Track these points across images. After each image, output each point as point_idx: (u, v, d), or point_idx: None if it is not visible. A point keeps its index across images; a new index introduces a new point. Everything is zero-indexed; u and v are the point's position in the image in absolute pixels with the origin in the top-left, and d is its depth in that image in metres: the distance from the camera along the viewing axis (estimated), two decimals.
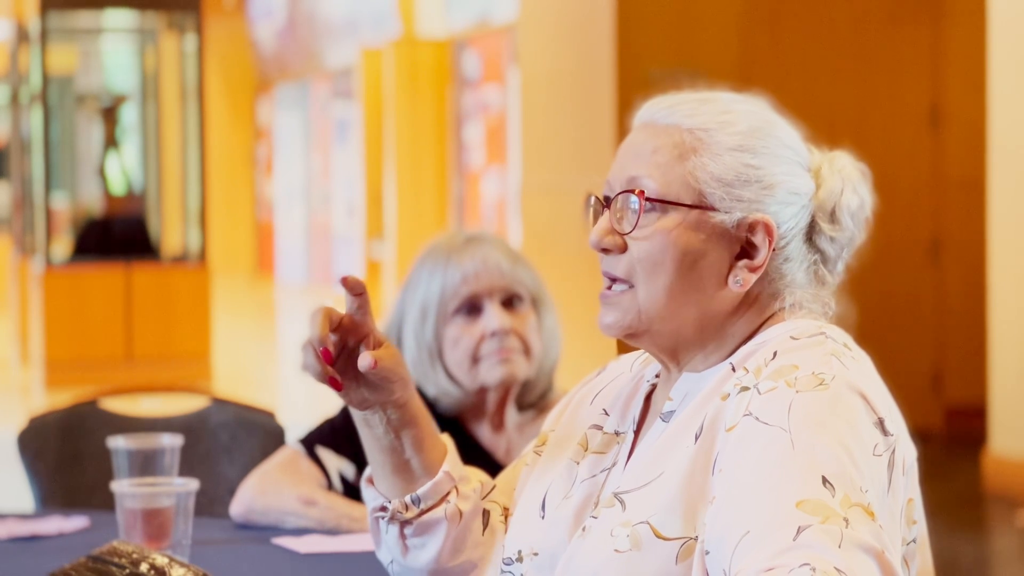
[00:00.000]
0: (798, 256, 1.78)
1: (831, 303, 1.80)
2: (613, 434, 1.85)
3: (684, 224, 1.74)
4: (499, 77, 13.42)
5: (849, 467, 1.59)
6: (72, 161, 13.32)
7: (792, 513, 1.54)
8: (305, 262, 19.59)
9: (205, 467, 3.16)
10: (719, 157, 1.75)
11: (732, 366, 1.73)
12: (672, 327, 1.76)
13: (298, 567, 2.40)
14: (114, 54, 13.49)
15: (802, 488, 1.56)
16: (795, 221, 1.77)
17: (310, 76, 19.02)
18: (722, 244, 1.75)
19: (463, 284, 2.76)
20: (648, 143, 1.78)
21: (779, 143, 1.78)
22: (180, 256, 11.49)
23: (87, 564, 2.04)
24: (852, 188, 1.80)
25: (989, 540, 6.67)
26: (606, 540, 1.69)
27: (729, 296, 1.75)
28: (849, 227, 1.79)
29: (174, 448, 2.58)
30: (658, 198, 1.75)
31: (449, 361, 2.78)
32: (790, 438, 1.60)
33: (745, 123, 1.77)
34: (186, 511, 2.32)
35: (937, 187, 8.70)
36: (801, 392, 1.64)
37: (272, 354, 14.21)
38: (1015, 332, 7.16)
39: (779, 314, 1.77)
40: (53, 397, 10.00)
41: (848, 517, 1.54)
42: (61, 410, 3.27)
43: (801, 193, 1.78)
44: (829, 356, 1.68)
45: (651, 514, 1.67)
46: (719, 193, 1.74)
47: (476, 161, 13.99)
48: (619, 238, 1.77)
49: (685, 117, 1.78)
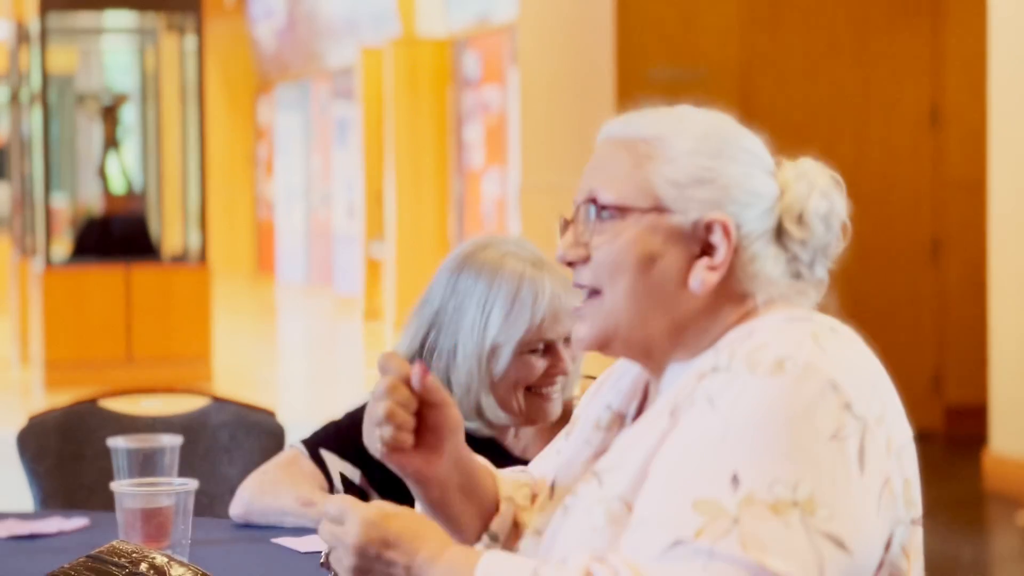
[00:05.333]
0: (767, 255, 1.78)
1: (813, 295, 1.81)
2: (618, 414, 1.89)
3: (641, 227, 1.77)
4: (499, 77, 13.42)
5: (774, 460, 1.61)
6: (72, 161, 13.33)
7: (685, 512, 1.60)
8: (305, 262, 19.59)
9: (205, 467, 3.16)
10: (674, 161, 1.78)
11: (716, 351, 1.75)
12: (640, 332, 1.79)
13: (298, 567, 2.40)
14: (114, 54, 13.50)
15: (707, 486, 1.61)
16: (759, 223, 1.78)
17: (310, 76, 19.02)
18: (680, 245, 1.77)
19: (550, 328, 2.69)
20: (606, 157, 1.82)
21: (736, 146, 1.81)
22: (180, 256, 11.49)
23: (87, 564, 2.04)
24: (820, 193, 1.81)
25: (989, 540, 6.67)
26: (584, 518, 1.73)
27: (692, 297, 1.77)
28: (820, 231, 1.80)
29: (174, 448, 2.58)
30: (614, 204, 1.78)
31: (506, 393, 2.72)
32: (724, 428, 1.64)
33: (700, 128, 1.81)
34: (186, 511, 2.32)
35: (937, 187, 8.70)
36: (756, 377, 1.66)
37: (272, 354, 14.21)
38: (1015, 332, 7.16)
39: (757, 310, 1.78)
40: (53, 397, 10.00)
41: (741, 517, 1.58)
42: (61, 410, 3.27)
43: (762, 195, 1.79)
44: (805, 337, 1.70)
45: (623, 490, 1.71)
46: (673, 195, 1.77)
47: (476, 161, 13.99)
48: (583, 249, 1.80)
49: (641, 128, 1.81)
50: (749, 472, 1.61)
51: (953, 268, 8.72)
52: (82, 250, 11.28)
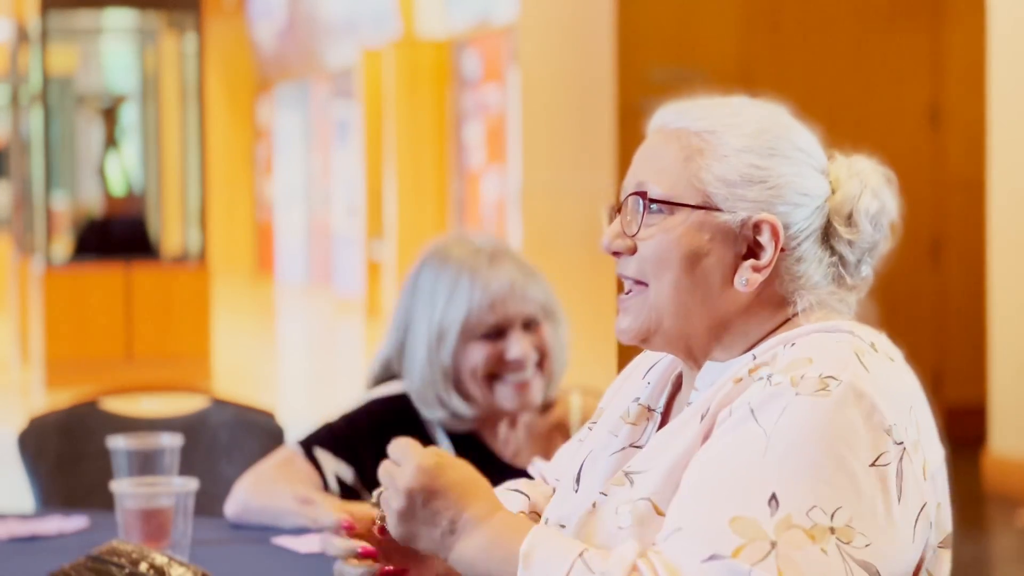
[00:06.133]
0: (813, 257, 1.78)
1: (853, 303, 1.80)
2: (646, 408, 1.87)
3: (689, 224, 1.76)
4: (499, 77, 13.41)
5: (814, 484, 1.60)
6: (72, 161, 13.32)
7: (722, 530, 1.58)
8: (305, 262, 19.59)
9: (205, 467, 3.16)
10: (725, 158, 1.76)
11: (754, 356, 1.74)
12: (682, 327, 1.77)
13: (298, 567, 2.40)
14: (114, 54, 13.49)
15: (745, 504, 1.59)
16: (807, 223, 1.77)
17: (310, 76, 19.02)
18: (727, 244, 1.76)
19: (490, 311, 2.70)
20: (657, 148, 1.81)
21: (789, 145, 1.79)
22: (180, 256, 11.49)
23: (87, 564, 2.04)
24: (872, 192, 1.80)
25: (989, 540, 6.66)
26: (611, 517, 1.72)
27: (738, 296, 1.76)
28: (868, 231, 1.80)
29: (174, 448, 2.58)
30: (663, 199, 1.77)
31: (465, 382, 2.74)
32: (766, 444, 1.62)
33: (753, 125, 1.79)
34: (186, 511, 2.32)
35: (937, 187, 8.70)
36: (800, 396, 1.64)
37: (272, 354, 14.21)
38: (1015, 332, 7.16)
39: (797, 316, 1.77)
40: (53, 397, 10.00)
41: (779, 541, 1.57)
42: (61, 410, 3.27)
43: (813, 194, 1.78)
44: (849, 354, 1.68)
45: (653, 490, 1.70)
46: (723, 193, 1.76)
47: (476, 161, 13.99)
48: (628, 241, 1.79)
49: (693, 120, 1.79)
50: (788, 494, 1.59)
51: (953, 268, 8.72)
52: (82, 250, 11.27)
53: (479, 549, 1.68)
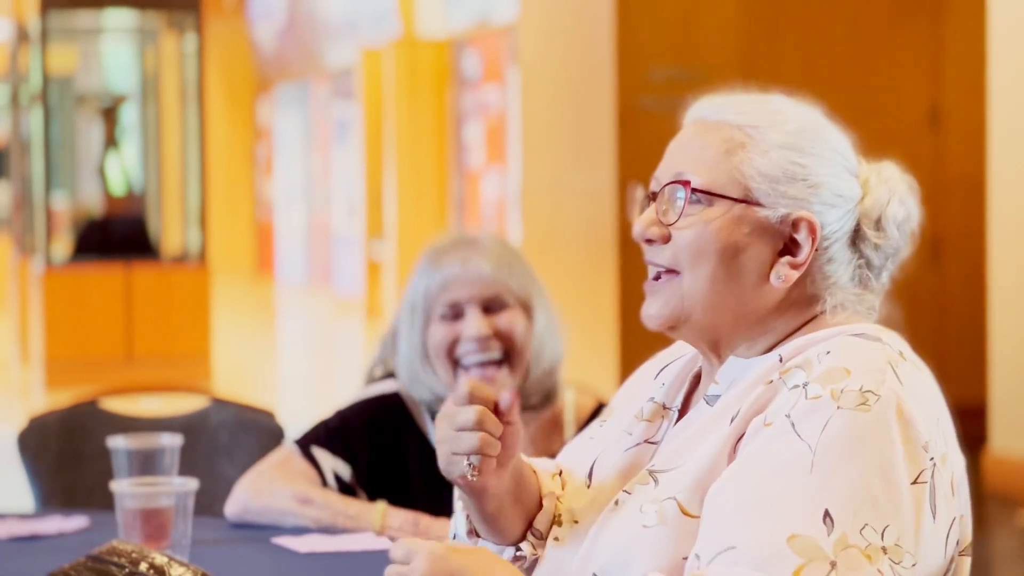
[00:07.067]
0: (842, 258, 1.79)
1: (875, 306, 1.82)
2: (661, 406, 1.87)
3: (728, 217, 1.76)
4: (499, 77, 13.41)
5: (863, 503, 1.60)
6: (72, 161, 13.32)
7: (781, 548, 1.57)
8: (305, 262, 19.59)
9: (205, 467, 3.16)
10: (766, 153, 1.77)
11: (780, 357, 1.74)
12: (712, 318, 1.78)
13: (298, 567, 2.40)
14: (114, 54, 13.49)
15: (800, 521, 1.59)
16: (840, 224, 1.78)
17: (310, 76, 19.02)
18: (765, 239, 1.77)
19: (443, 290, 2.75)
20: (696, 139, 1.81)
21: (827, 145, 1.80)
22: (180, 256, 11.49)
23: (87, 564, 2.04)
24: (899, 199, 1.82)
25: (989, 540, 6.66)
26: (635, 515, 1.72)
27: (770, 292, 1.77)
28: (894, 237, 1.81)
29: (174, 448, 2.58)
30: (704, 189, 1.77)
31: (435, 363, 2.77)
32: (812, 459, 1.62)
33: (794, 123, 1.79)
34: (185, 511, 2.32)
35: (937, 187, 8.69)
36: (842, 409, 1.64)
37: (272, 354, 14.21)
38: (1015, 332, 7.16)
39: (823, 316, 1.78)
40: (53, 397, 10.00)
41: (838, 560, 1.57)
42: (61, 410, 3.27)
43: (847, 197, 1.79)
44: (885, 365, 1.69)
45: (679, 491, 1.70)
46: (765, 188, 1.76)
47: (476, 161, 13.99)
48: (663, 229, 1.79)
49: (734, 114, 1.80)
50: (840, 512, 1.59)
51: (953, 268, 8.72)
52: (82, 250, 11.27)
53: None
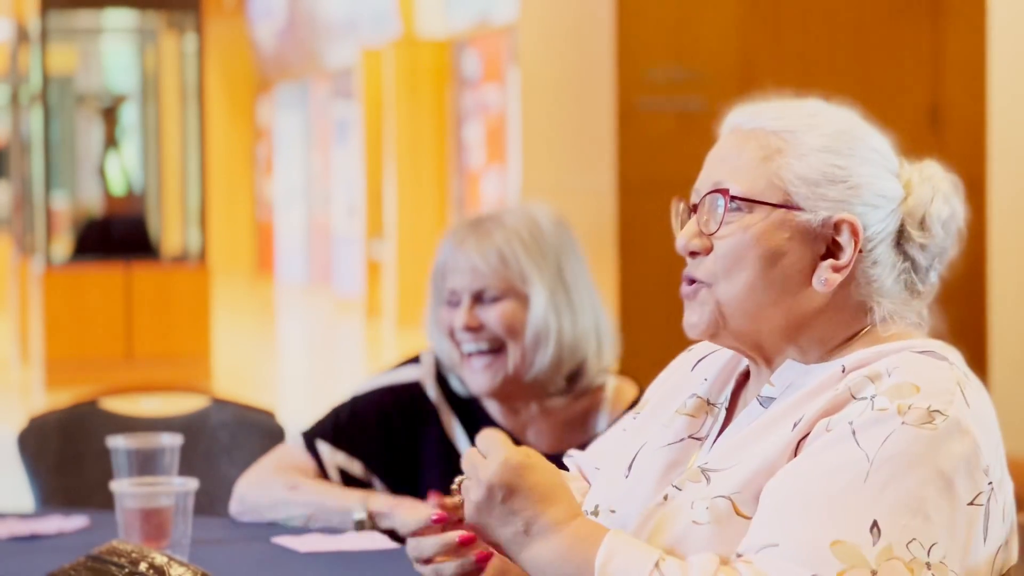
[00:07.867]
0: (887, 261, 1.78)
1: (924, 314, 1.83)
2: (706, 402, 1.86)
3: (768, 222, 1.75)
4: (499, 77, 13.41)
5: (914, 517, 1.60)
6: (72, 161, 13.32)
7: (823, 552, 1.57)
8: (305, 262, 19.59)
9: (205, 467, 3.16)
10: (804, 157, 1.76)
11: (843, 367, 1.73)
12: (754, 325, 1.77)
13: (298, 567, 2.40)
14: (114, 54, 13.49)
15: (845, 528, 1.59)
16: (883, 225, 1.77)
17: (310, 76, 19.02)
18: (806, 243, 1.75)
19: (445, 276, 2.77)
20: (734, 148, 1.80)
21: (865, 146, 1.80)
22: (180, 256, 11.49)
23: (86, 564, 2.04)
24: (943, 198, 1.81)
25: None
26: (686, 511, 1.71)
27: (814, 296, 1.76)
28: (940, 236, 1.81)
29: (174, 448, 2.58)
30: (743, 197, 1.76)
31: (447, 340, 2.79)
32: (868, 469, 1.61)
33: (831, 126, 1.79)
34: (185, 511, 2.32)
35: None
36: (907, 425, 1.64)
37: (272, 354, 14.21)
38: (1015, 332, 7.16)
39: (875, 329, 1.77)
40: (53, 397, 10.00)
41: (879, 570, 1.57)
42: (61, 410, 3.27)
43: (889, 197, 1.78)
44: (954, 386, 1.69)
45: (733, 490, 1.69)
46: (804, 192, 1.75)
47: (476, 161, 13.99)
48: (706, 240, 1.78)
49: (770, 120, 1.79)
50: (889, 524, 1.59)
51: (953, 267, 8.72)
52: (82, 250, 11.27)
53: (554, 555, 1.66)
